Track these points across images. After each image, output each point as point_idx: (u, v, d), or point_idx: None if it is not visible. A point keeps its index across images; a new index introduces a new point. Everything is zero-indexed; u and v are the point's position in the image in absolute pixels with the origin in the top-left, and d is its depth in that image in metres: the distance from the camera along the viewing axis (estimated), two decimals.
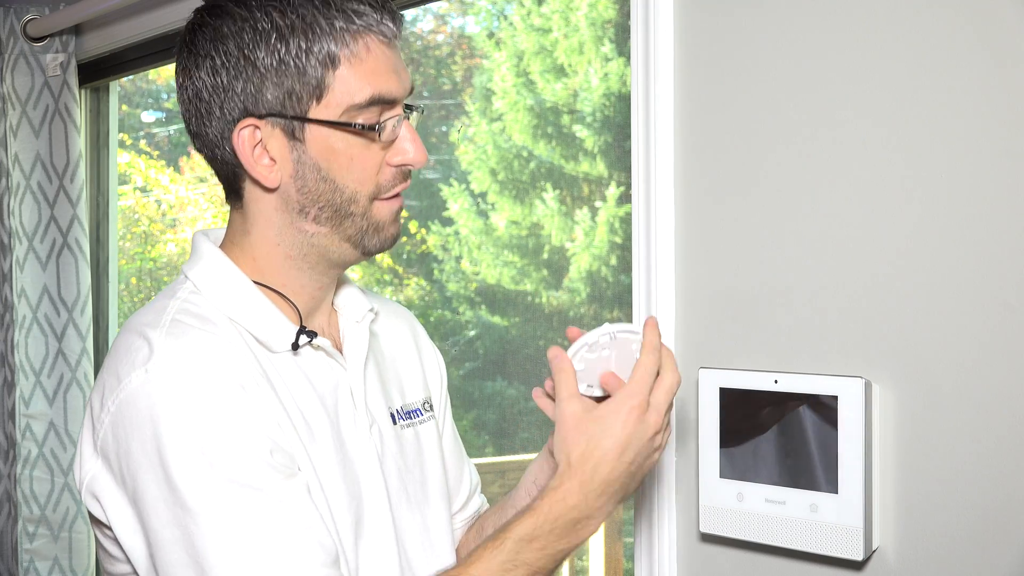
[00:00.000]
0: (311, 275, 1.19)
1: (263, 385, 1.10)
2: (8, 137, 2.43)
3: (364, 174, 1.14)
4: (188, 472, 1.03)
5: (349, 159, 1.13)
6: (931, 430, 1.17)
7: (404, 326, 1.38)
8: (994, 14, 1.12)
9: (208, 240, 1.21)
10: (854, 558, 1.19)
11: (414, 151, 1.15)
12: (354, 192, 1.14)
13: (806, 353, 1.25)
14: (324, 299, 1.23)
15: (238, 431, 1.05)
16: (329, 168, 1.13)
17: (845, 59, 1.22)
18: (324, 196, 1.14)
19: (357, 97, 1.11)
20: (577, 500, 1.08)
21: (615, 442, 1.09)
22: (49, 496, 2.42)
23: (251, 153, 1.13)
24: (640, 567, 1.41)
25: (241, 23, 1.11)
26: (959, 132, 1.14)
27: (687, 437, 1.37)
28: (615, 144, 2.70)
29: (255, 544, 1.02)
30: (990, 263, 1.12)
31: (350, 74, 1.11)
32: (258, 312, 1.16)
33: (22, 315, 2.42)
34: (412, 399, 1.31)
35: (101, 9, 2.25)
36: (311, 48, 1.10)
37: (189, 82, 1.15)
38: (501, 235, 2.92)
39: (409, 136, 1.15)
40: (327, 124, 1.11)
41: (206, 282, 1.17)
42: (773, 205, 1.28)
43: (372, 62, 1.12)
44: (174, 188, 4.18)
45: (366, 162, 1.13)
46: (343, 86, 1.11)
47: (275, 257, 1.18)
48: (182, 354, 1.07)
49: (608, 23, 2.77)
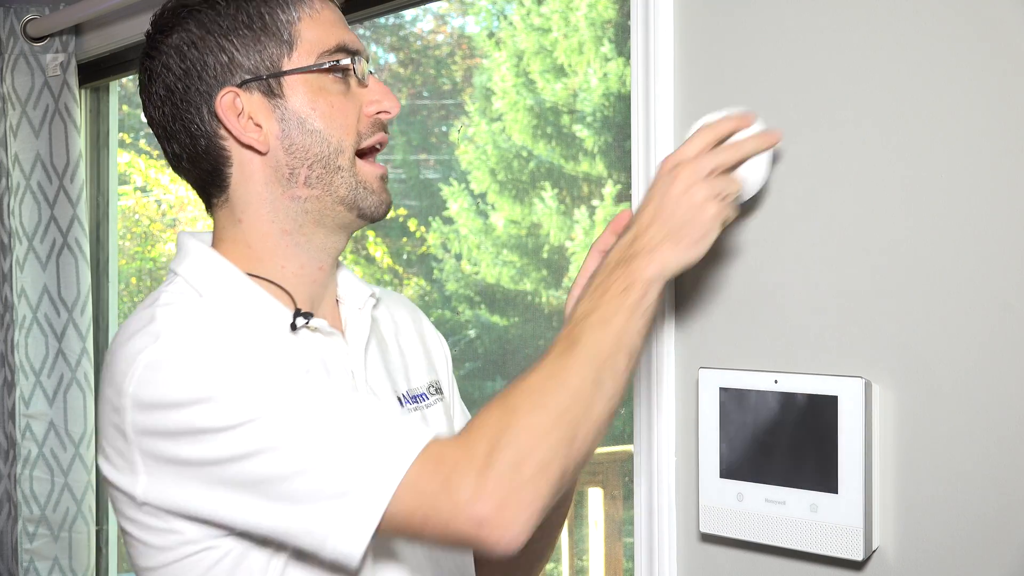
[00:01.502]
0: (309, 251, 1.20)
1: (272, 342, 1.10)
2: (8, 137, 2.43)
3: (345, 120, 1.17)
4: (246, 400, 1.01)
5: (330, 105, 1.16)
6: (931, 430, 1.17)
7: (405, 312, 1.39)
8: (995, 14, 1.12)
9: (194, 238, 1.22)
10: (854, 558, 1.19)
11: (387, 98, 1.20)
12: (339, 142, 1.17)
13: (806, 353, 1.26)
14: (325, 287, 1.23)
15: (273, 355, 1.05)
16: (312, 118, 1.16)
17: (845, 59, 1.22)
18: (312, 150, 1.16)
19: (326, 44, 1.17)
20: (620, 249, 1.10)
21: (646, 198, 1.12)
22: (49, 496, 2.43)
23: (236, 121, 1.16)
24: (640, 567, 1.41)
25: (198, 9, 1.16)
26: (959, 132, 1.14)
27: (687, 437, 1.37)
28: (615, 144, 2.70)
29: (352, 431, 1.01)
30: (990, 263, 1.12)
31: (314, 25, 1.17)
32: (251, 300, 1.16)
33: (22, 315, 2.42)
34: (417, 383, 1.32)
35: (101, 9, 2.25)
36: (272, 9, 1.16)
37: (157, 85, 1.18)
38: (500, 234, 2.93)
39: (379, 87, 1.20)
40: (304, 71, 1.16)
41: (197, 275, 1.17)
42: (773, 204, 1.28)
43: (328, 15, 1.19)
44: (174, 188, 4.18)
45: (345, 108, 1.17)
46: (311, 35, 1.17)
47: (271, 236, 1.18)
48: (187, 313, 1.08)
49: (608, 23, 2.77)
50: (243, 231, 1.18)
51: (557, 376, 1.02)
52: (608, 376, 1.03)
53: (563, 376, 1.01)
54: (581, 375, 1.02)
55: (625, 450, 3.40)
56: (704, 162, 1.11)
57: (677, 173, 1.10)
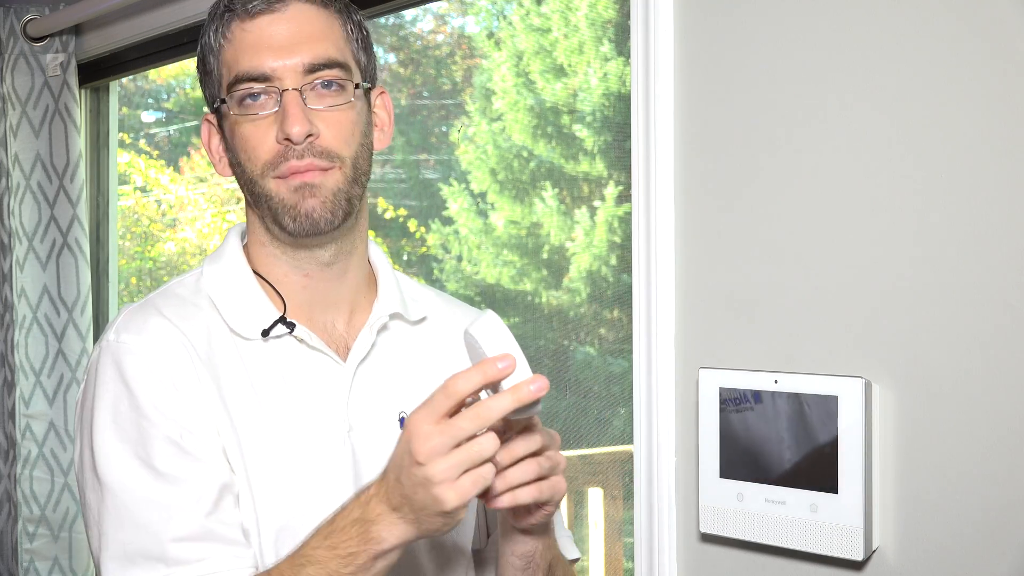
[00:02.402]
0: (286, 261, 1.22)
1: (203, 379, 1.15)
2: (8, 137, 2.43)
3: (253, 152, 1.18)
4: (105, 445, 1.11)
5: (242, 139, 1.18)
6: (931, 430, 1.17)
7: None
8: (995, 14, 1.12)
9: (236, 233, 1.28)
10: (854, 558, 1.19)
11: (287, 123, 1.14)
12: (251, 172, 1.18)
13: (806, 353, 1.26)
14: (327, 294, 1.23)
15: (155, 415, 1.12)
16: (235, 150, 1.20)
17: (845, 59, 1.22)
18: (241, 178, 1.21)
19: (226, 79, 1.18)
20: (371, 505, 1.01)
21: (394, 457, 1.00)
22: (49, 496, 2.42)
23: (209, 146, 1.24)
24: (640, 567, 1.41)
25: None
26: (960, 132, 1.14)
27: (687, 437, 1.37)
28: (615, 144, 2.70)
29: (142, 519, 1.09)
30: (990, 263, 1.12)
31: (225, 56, 1.18)
32: (241, 299, 1.20)
33: (22, 315, 2.42)
34: None
35: (101, 9, 2.26)
36: (208, 40, 1.20)
37: None
38: (500, 235, 2.93)
39: (289, 110, 1.15)
40: (211, 106, 1.21)
41: (212, 268, 1.24)
42: (773, 205, 1.28)
43: (237, 43, 1.17)
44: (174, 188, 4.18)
45: (251, 139, 1.18)
46: (223, 68, 1.19)
47: (254, 245, 1.24)
48: (130, 340, 1.15)
49: (608, 23, 2.77)
50: (248, 240, 1.26)
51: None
52: None
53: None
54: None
55: (625, 450, 3.39)
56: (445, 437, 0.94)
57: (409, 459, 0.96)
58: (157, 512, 1.09)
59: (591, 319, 2.56)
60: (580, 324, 2.53)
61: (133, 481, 1.10)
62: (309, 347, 1.19)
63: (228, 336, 1.17)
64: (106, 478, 1.11)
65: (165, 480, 1.10)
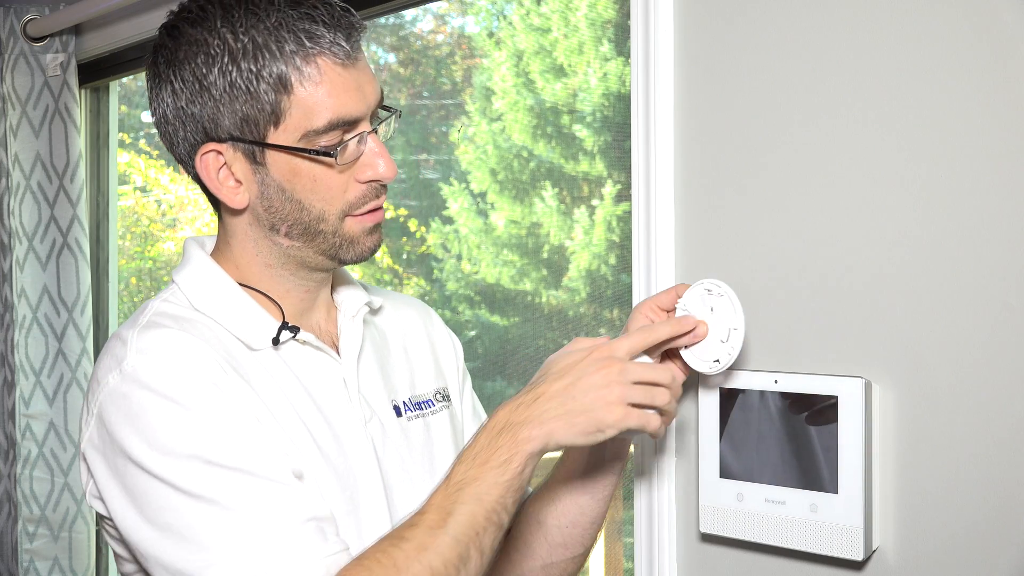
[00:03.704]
0: (294, 280, 1.21)
1: (235, 379, 1.11)
2: (8, 137, 2.43)
3: (330, 194, 1.14)
4: (166, 462, 1.04)
5: (312, 180, 1.13)
6: (931, 430, 1.17)
7: (415, 316, 1.38)
8: (994, 14, 1.12)
9: (197, 246, 1.23)
10: (854, 558, 1.19)
11: (382, 166, 1.14)
12: (321, 211, 1.14)
13: (806, 353, 1.26)
14: (316, 299, 1.24)
15: (212, 417, 1.06)
16: (293, 190, 1.13)
17: (845, 59, 1.22)
18: (292, 215, 1.14)
19: (315, 122, 1.10)
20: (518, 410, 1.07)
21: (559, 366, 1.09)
22: (49, 496, 2.42)
23: (216, 176, 1.14)
24: (640, 567, 1.41)
25: (196, 47, 1.10)
26: (959, 131, 1.14)
27: (687, 437, 1.37)
28: (614, 144, 2.70)
29: (242, 522, 1.03)
30: (990, 263, 1.12)
31: (305, 98, 1.10)
32: (239, 311, 1.17)
33: (22, 315, 2.42)
34: (423, 390, 1.31)
35: (101, 9, 2.26)
36: (261, 72, 1.09)
37: (156, 103, 1.16)
38: (500, 234, 2.93)
39: (377, 149, 1.14)
40: (284, 150, 1.11)
41: (191, 285, 1.19)
42: (773, 204, 1.28)
43: (327, 84, 1.10)
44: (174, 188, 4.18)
45: (331, 182, 1.13)
46: (299, 111, 1.10)
47: (255, 266, 1.20)
48: (153, 352, 1.09)
49: (608, 23, 2.77)
50: (232, 253, 1.20)
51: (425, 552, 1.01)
52: (474, 552, 1.03)
53: (428, 555, 1.01)
54: (445, 556, 1.01)
55: None
56: (636, 370, 1.08)
57: (605, 365, 1.07)
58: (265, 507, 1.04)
59: (591, 319, 2.56)
60: (580, 324, 2.53)
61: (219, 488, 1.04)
62: (313, 348, 1.21)
63: (240, 347, 1.16)
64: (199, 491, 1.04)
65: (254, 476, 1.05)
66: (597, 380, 1.07)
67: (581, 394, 1.06)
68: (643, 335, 1.12)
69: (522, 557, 1.32)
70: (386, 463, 1.21)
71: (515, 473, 1.04)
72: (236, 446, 1.06)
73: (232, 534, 1.02)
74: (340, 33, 1.10)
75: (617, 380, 1.07)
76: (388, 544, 1.02)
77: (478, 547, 1.03)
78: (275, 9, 1.09)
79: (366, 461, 1.19)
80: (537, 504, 1.32)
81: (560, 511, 1.29)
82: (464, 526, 1.02)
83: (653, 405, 1.08)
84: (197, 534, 1.03)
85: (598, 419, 1.06)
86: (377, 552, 1.02)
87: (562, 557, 1.30)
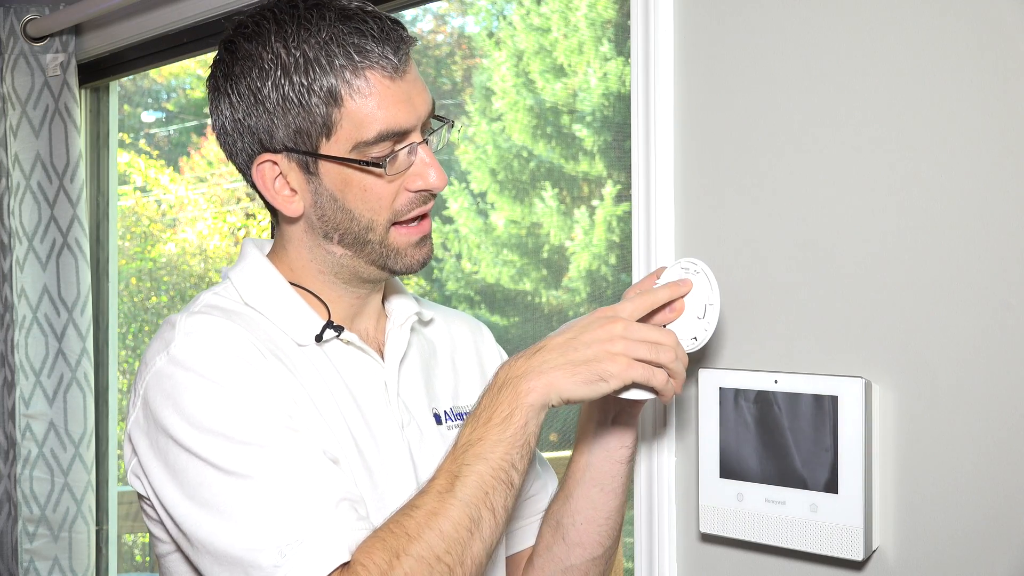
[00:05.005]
0: (346, 288, 1.24)
1: (278, 366, 1.14)
2: (8, 137, 2.43)
3: (379, 203, 1.16)
4: (206, 439, 1.07)
5: (363, 190, 1.16)
6: (931, 430, 1.17)
7: (467, 331, 1.41)
8: (994, 15, 1.12)
9: (255, 246, 1.27)
10: (854, 558, 1.19)
11: (433, 176, 1.17)
12: (370, 220, 1.17)
13: (806, 353, 1.26)
14: (365, 306, 1.27)
15: (250, 396, 1.09)
16: (344, 199, 1.16)
17: (845, 59, 1.22)
18: (343, 224, 1.18)
19: (365, 134, 1.13)
20: (517, 364, 1.09)
21: (567, 326, 1.11)
22: (49, 496, 2.43)
23: (272, 186, 1.18)
24: (640, 567, 1.42)
25: (251, 62, 1.14)
26: (959, 132, 1.14)
27: (687, 437, 1.37)
28: (614, 144, 2.70)
29: (276, 499, 1.04)
30: (990, 263, 1.12)
31: (355, 110, 1.13)
32: (288, 308, 1.21)
33: (22, 315, 2.42)
34: (466, 401, 1.33)
35: (101, 9, 2.26)
36: (312, 86, 1.12)
37: (215, 116, 1.21)
38: (500, 234, 2.93)
39: (428, 160, 1.17)
40: (337, 161, 1.14)
41: (243, 281, 1.23)
42: (773, 204, 1.29)
43: (377, 97, 1.13)
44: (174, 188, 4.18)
45: (381, 191, 1.16)
46: (350, 123, 1.13)
47: (309, 271, 1.23)
48: (199, 336, 1.12)
49: (607, 23, 2.77)
50: (288, 257, 1.24)
51: (436, 517, 1.02)
52: (486, 512, 1.03)
53: (439, 520, 1.02)
54: (455, 520, 1.02)
55: None
56: (640, 328, 1.09)
57: (609, 322, 1.09)
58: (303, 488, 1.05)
59: None
60: None
61: (259, 467, 1.05)
62: (356, 348, 1.23)
63: (286, 340, 1.19)
64: (235, 468, 1.05)
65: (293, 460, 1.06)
66: (601, 334, 1.08)
67: (584, 346, 1.08)
68: (644, 298, 1.14)
69: (544, 561, 1.33)
70: (422, 468, 1.22)
71: (518, 428, 1.05)
72: (273, 425, 1.07)
73: (267, 510, 1.03)
74: (389, 47, 1.13)
75: (621, 335, 1.08)
76: (401, 514, 1.04)
77: (489, 507, 1.04)
78: (327, 24, 1.12)
79: (401, 463, 1.20)
80: (554, 505, 1.33)
81: (573, 508, 1.30)
82: (472, 487, 1.03)
83: (658, 361, 1.09)
84: (233, 509, 1.04)
85: (601, 368, 1.07)
86: (390, 523, 1.03)
87: (580, 558, 1.30)
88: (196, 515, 1.07)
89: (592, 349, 1.08)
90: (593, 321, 1.10)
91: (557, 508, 1.32)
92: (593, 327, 1.09)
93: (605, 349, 1.08)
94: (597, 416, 1.27)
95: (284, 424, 1.08)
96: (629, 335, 1.08)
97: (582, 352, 1.08)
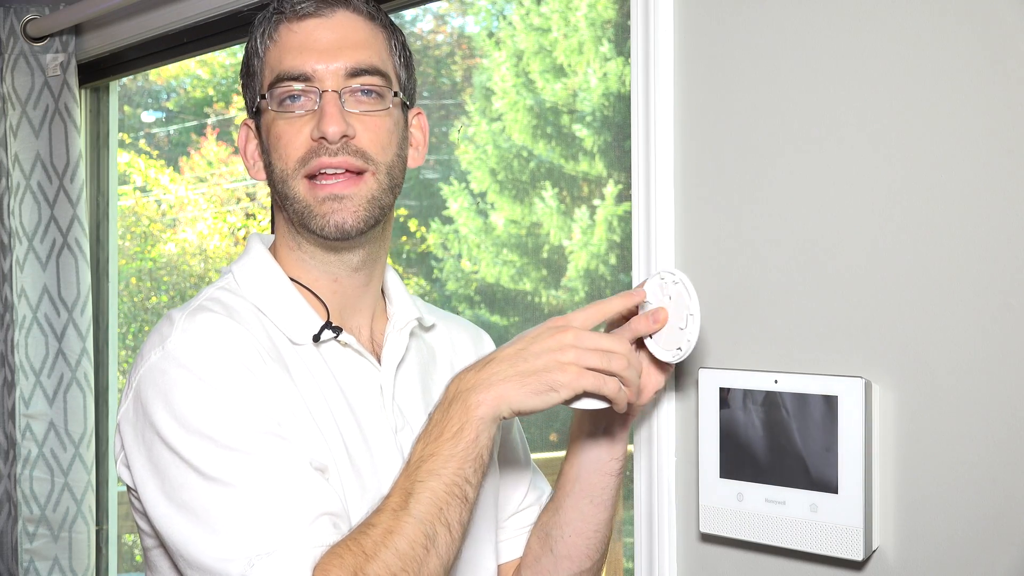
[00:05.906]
0: (314, 265, 1.24)
1: (275, 368, 1.13)
2: (8, 137, 2.43)
3: (286, 150, 1.19)
4: (192, 441, 1.06)
5: (276, 137, 1.20)
6: (931, 430, 1.17)
7: (467, 339, 1.40)
8: (995, 16, 1.12)
9: (259, 240, 1.28)
10: (854, 558, 1.19)
11: (325, 122, 1.16)
12: (282, 170, 1.20)
13: (806, 353, 1.26)
14: (355, 299, 1.26)
15: (241, 401, 1.08)
16: (269, 149, 1.21)
17: (845, 59, 1.22)
18: (270, 180, 1.22)
19: (268, 79, 1.20)
20: (467, 376, 1.07)
21: (519, 337, 1.09)
22: (49, 496, 2.43)
23: (245, 149, 1.26)
24: (640, 567, 1.42)
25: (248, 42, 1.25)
26: (959, 133, 1.14)
27: (687, 437, 1.37)
28: (614, 144, 2.70)
29: (256, 509, 1.04)
30: (990, 263, 1.12)
31: (268, 60, 1.21)
32: (286, 305, 1.21)
33: (22, 315, 2.42)
34: None
35: (101, 9, 2.26)
36: (254, 44, 1.22)
37: None
38: (500, 234, 2.93)
39: (328, 110, 1.17)
40: (250, 110, 1.23)
41: (245, 276, 1.23)
42: (773, 204, 1.29)
43: (280, 45, 1.20)
44: (174, 188, 4.18)
45: (289, 138, 1.19)
46: (264, 68, 1.21)
47: (283, 249, 1.25)
48: (197, 333, 1.12)
49: (607, 23, 2.77)
50: (277, 243, 1.27)
51: (391, 535, 1.01)
52: (441, 528, 1.02)
53: (394, 538, 1.01)
54: (410, 537, 1.01)
55: None
56: (590, 336, 1.07)
57: (559, 331, 1.07)
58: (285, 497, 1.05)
59: None
60: None
61: (236, 474, 1.05)
62: (353, 351, 1.22)
63: (283, 339, 1.19)
64: (217, 474, 1.05)
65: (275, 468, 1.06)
66: (551, 343, 1.06)
67: (533, 356, 1.06)
68: (596, 307, 1.12)
69: (531, 573, 1.33)
70: None
71: (469, 442, 1.03)
72: (260, 432, 1.07)
73: (243, 520, 1.03)
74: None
75: (572, 344, 1.06)
76: (358, 532, 1.03)
77: (444, 522, 1.02)
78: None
79: (392, 468, 1.19)
80: (543, 516, 1.33)
81: (563, 520, 1.29)
82: (426, 504, 1.02)
83: (609, 369, 1.07)
84: (209, 516, 1.04)
85: (551, 378, 1.05)
86: (348, 540, 1.02)
87: (568, 572, 1.30)
88: (174, 517, 1.06)
89: (542, 359, 1.05)
90: (544, 331, 1.08)
91: (547, 519, 1.32)
92: (543, 337, 1.07)
93: (555, 359, 1.05)
94: (588, 427, 1.26)
95: (272, 431, 1.07)
96: (580, 344, 1.06)
97: (532, 363, 1.05)
